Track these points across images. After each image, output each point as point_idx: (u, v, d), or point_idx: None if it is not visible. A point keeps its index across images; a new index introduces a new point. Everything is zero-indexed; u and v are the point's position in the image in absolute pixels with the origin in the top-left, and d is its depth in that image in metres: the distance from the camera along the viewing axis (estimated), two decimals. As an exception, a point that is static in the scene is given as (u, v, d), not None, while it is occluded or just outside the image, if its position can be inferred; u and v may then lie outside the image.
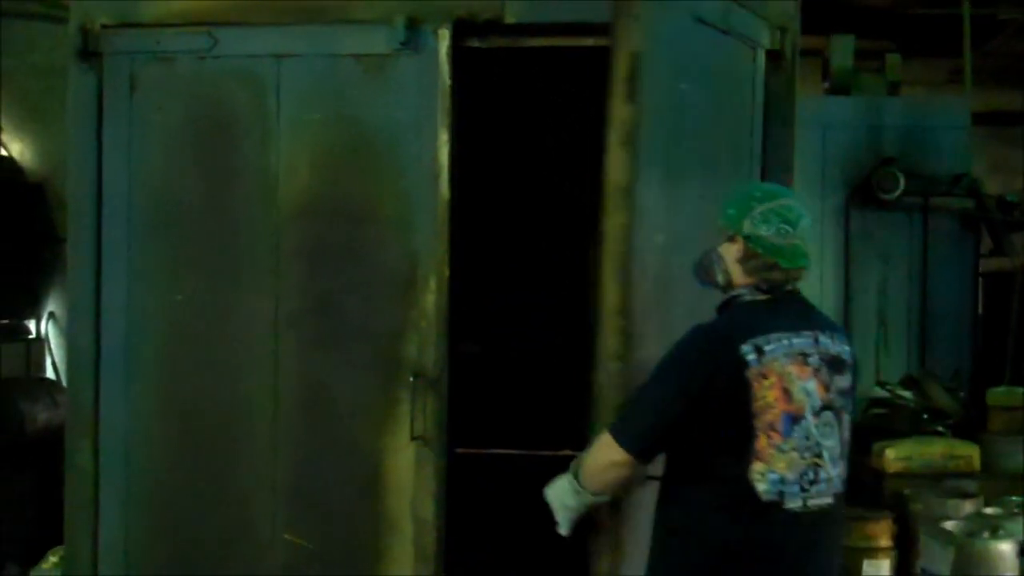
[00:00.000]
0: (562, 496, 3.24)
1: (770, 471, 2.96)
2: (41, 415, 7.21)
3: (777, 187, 3.43)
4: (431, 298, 4.36)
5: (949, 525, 5.41)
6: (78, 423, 4.86)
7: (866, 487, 6.93)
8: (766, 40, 4.52)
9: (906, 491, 6.37)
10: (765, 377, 2.97)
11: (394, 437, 4.41)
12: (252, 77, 4.56)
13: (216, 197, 4.64)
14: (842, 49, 8.08)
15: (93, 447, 4.80)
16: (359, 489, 4.48)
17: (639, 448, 3.06)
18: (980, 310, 8.34)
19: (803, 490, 2.99)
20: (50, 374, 8.00)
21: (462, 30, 4.38)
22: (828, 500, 3.05)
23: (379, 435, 4.43)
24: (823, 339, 3.11)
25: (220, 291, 4.65)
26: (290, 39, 4.52)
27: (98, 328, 4.80)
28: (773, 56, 4.55)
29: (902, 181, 7.72)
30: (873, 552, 6.09)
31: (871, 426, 7.27)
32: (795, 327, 3.07)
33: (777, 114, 4.58)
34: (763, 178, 4.53)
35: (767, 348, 3.00)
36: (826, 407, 3.05)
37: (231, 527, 4.64)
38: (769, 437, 2.95)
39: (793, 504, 2.99)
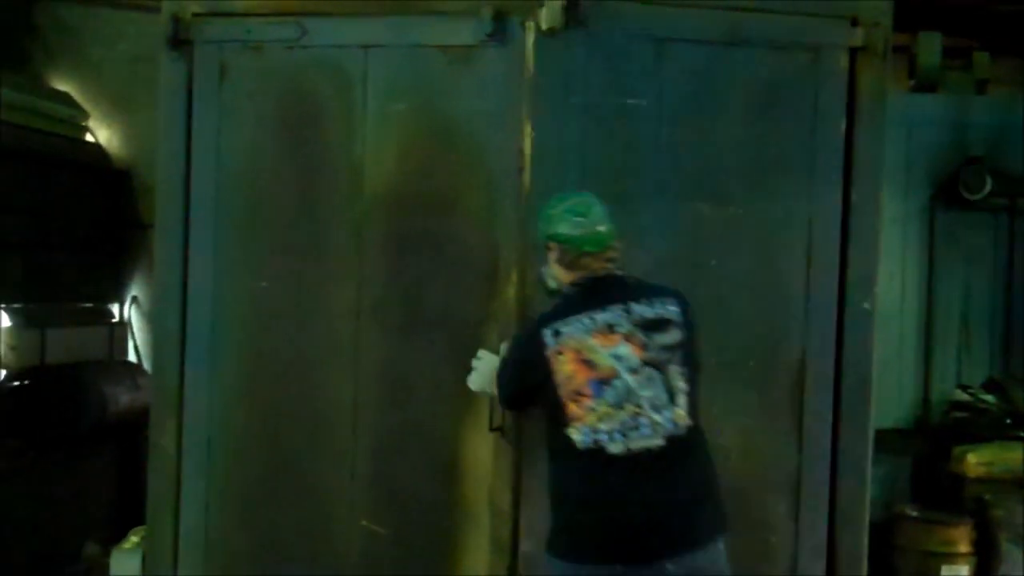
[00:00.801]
0: (484, 379, 4.15)
1: (584, 426, 3.56)
2: (123, 397, 7.33)
3: (572, 192, 3.97)
4: (512, 290, 4.37)
5: (1037, 533, 5.33)
6: (163, 405, 4.95)
7: (946, 492, 6.88)
8: (843, 39, 4.51)
9: (987, 496, 6.39)
10: (561, 354, 3.61)
11: (473, 427, 4.44)
12: (339, 67, 4.60)
13: (302, 185, 4.69)
14: (929, 46, 7.91)
15: (177, 429, 4.88)
16: (437, 478, 4.51)
17: (505, 402, 4.06)
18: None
19: (624, 436, 3.54)
20: (132, 357, 8.15)
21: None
22: (657, 441, 3.56)
23: (458, 425, 4.46)
24: (637, 307, 3.66)
25: (304, 278, 4.70)
26: (377, 30, 4.56)
27: (184, 312, 4.88)
28: (862, 53, 4.51)
29: (989, 181, 7.56)
30: (952, 557, 6.15)
31: (952, 430, 7.21)
32: (603, 304, 3.65)
33: (866, 113, 4.52)
34: (848, 180, 4.49)
35: (564, 330, 3.63)
36: (646, 364, 3.59)
37: (310, 513, 4.69)
38: (577, 402, 3.58)
39: (615, 448, 3.53)
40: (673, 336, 3.67)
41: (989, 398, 7.18)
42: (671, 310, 3.70)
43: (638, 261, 4.23)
